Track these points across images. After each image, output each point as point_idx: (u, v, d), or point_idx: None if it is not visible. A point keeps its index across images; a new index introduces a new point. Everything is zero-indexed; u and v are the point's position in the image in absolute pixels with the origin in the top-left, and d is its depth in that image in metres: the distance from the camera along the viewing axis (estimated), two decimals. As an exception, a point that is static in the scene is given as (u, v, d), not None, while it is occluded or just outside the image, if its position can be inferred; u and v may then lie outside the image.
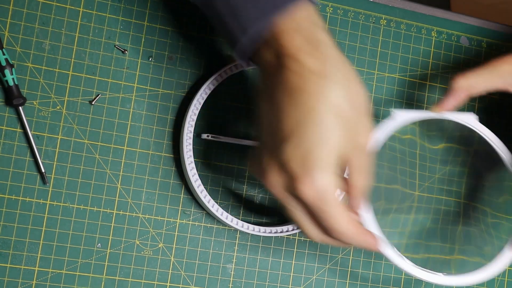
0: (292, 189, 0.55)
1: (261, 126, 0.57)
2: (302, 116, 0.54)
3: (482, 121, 0.74)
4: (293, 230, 0.72)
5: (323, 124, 0.54)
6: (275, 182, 0.56)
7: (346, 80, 0.55)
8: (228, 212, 0.71)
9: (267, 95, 0.57)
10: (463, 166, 0.79)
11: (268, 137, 0.56)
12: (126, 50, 0.70)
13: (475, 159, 0.79)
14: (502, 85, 0.68)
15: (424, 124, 0.78)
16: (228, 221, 0.70)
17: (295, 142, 0.54)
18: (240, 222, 0.70)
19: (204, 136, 0.71)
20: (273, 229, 0.71)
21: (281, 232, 0.71)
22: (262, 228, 0.71)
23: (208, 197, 0.69)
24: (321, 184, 0.54)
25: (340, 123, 0.54)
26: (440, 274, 0.69)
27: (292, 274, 0.74)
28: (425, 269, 0.68)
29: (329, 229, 0.57)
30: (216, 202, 0.71)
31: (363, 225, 0.62)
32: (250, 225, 0.71)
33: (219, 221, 0.71)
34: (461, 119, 0.71)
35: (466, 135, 0.78)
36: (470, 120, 0.71)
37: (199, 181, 0.69)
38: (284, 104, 0.55)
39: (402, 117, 0.69)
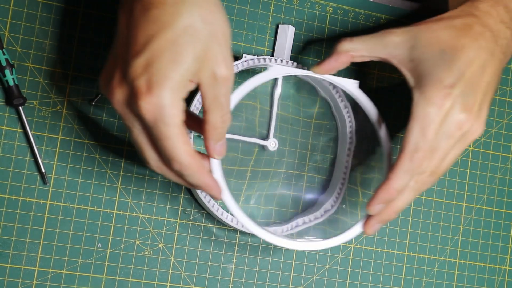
0: (133, 105, 0.53)
1: (117, 40, 0.56)
2: (154, 31, 0.53)
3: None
4: (292, 229, 0.72)
5: (174, 41, 0.53)
6: (119, 97, 0.54)
7: (207, 4, 0.54)
8: (228, 212, 0.71)
9: (126, 10, 0.55)
10: (334, 131, 0.76)
11: (120, 51, 0.55)
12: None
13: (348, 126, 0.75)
14: (385, 55, 0.65)
15: (300, 87, 0.74)
16: (228, 221, 0.70)
17: (144, 57, 0.53)
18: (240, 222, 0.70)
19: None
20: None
21: (281, 232, 0.71)
22: (262, 228, 0.71)
23: (208, 197, 0.69)
24: (161, 102, 0.52)
25: (194, 45, 0.53)
26: (280, 236, 0.65)
27: (292, 274, 0.74)
28: (265, 229, 0.65)
29: (166, 156, 0.55)
30: (216, 202, 0.71)
31: (212, 173, 0.59)
32: (250, 225, 0.71)
33: (219, 221, 0.71)
34: (340, 82, 0.68)
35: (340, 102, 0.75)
36: (349, 85, 0.68)
37: (199, 181, 0.69)
38: (140, 18, 0.54)
39: (277, 70, 0.66)
